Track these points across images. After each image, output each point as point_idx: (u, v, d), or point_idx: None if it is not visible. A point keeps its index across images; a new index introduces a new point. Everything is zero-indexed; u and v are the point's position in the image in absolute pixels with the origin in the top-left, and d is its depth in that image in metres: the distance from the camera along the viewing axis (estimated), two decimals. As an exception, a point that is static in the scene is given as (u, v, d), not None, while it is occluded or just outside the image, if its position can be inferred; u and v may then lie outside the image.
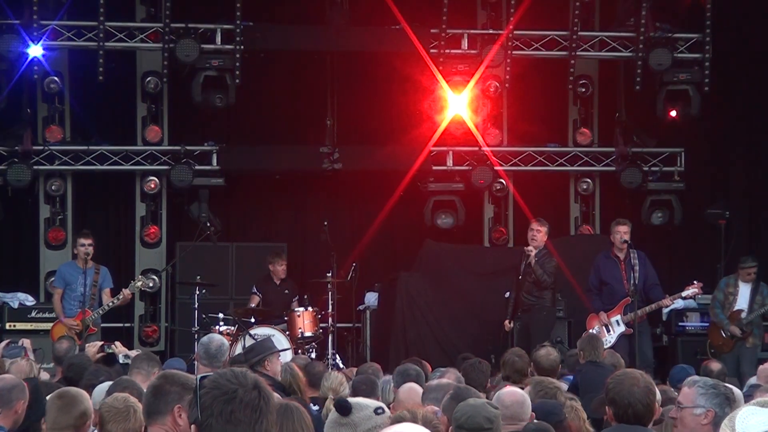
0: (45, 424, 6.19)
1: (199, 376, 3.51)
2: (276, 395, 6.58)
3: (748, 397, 7.15)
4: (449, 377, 8.36)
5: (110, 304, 14.23)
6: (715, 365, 10.57)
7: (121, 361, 9.92)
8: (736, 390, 5.76)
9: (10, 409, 6.51)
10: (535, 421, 6.16)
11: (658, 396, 6.43)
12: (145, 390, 5.85)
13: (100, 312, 14.29)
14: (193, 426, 3.45)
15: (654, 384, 5.94)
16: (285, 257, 16.10)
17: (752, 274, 14.78)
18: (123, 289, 14.25)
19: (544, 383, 7.45)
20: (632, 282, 14.05)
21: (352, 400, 4.14)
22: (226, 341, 9.48)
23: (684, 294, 14.45)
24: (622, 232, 14.41)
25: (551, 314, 14.62)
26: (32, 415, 6.52)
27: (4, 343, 11.20)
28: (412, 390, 7.71)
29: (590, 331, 14.29)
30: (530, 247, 14.41)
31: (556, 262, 14.49)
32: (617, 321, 14.33)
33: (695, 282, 14.35)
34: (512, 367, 9.57)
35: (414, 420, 5.15)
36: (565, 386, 8.71)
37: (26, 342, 11.29)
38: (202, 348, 9.14)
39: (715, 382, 5.77)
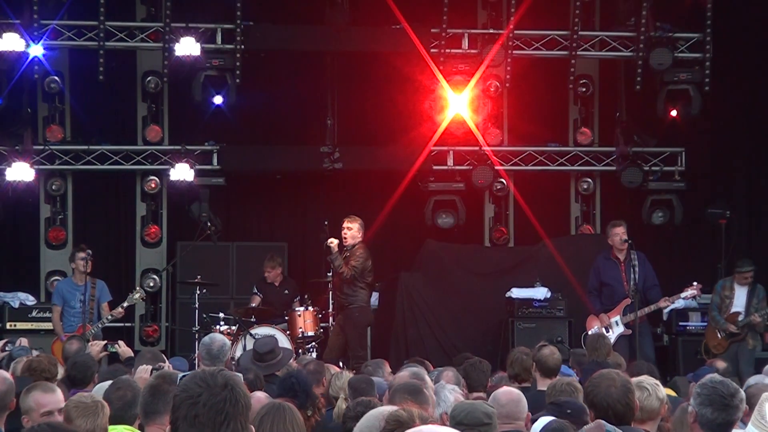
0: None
1: (180, 375, 3.53)
2: (262, 394, 6.57)
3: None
4: (447, 377, 8.36)
5: (108, 318, 14.29)
6: (720, 364, 10.55)
7: None
8: (729, 389, 5.69)
9: (5, 410, 6.54)
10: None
11: (663, 393, 6.42)
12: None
13: (99, 326, 14.32)
14: (169, 426, 3.51)
15: (631, 382, 5.96)
16: (279, 262, 16.00)
17: (749, 278, 14.80)
18: (119, 306, 14.31)
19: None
20: (632, 283, 14.05)
21: None
22: (227, 341, 9.50)
23: (683, 295, 14.46)
24: (620, 233, 14.43)
25: (364, 313, 14.55)
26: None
27: (1, 342, 11.24)
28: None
29: (589, 332, 14.30)
30: (331, 239, 14.36)
31: (365, 260, 14.38)
32: (616, 322, 14.33)
33: (694, 283, 14.35)
34: (521, 365, 9.60)
35: (411, 419, 5.14)
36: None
37: (24, 341, 11.33)
38: (203, 348, 9.14)
39: (702, 382, 5.77)
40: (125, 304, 14.43)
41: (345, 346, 14.53)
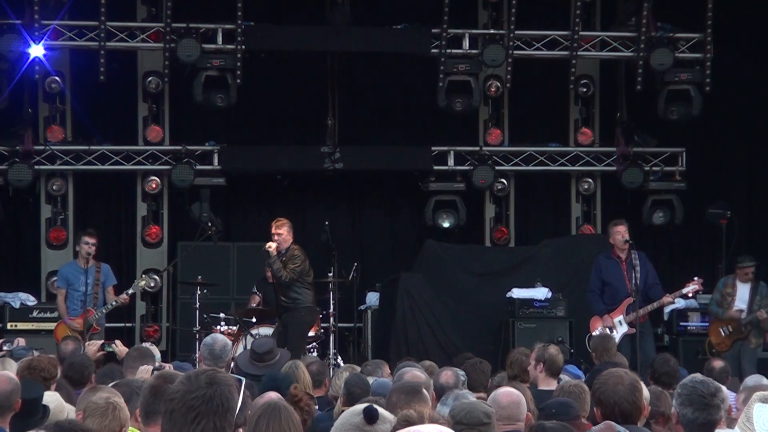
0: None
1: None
2: (274, 394, 6.58)
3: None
4: (446, 376, 8.34)
5: (113, 303, 14.28)
6: (718, 363, 10.55)
7: None
8: (709, 388, 5.66)
9: (10, 411, 6.55)
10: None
11: (646, 394, 6.43)
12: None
13: (103, 311, 14.32)
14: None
15: (640, 381, 5.96)
16: None
17: (750, 274, 14.74)
18: (124, 292, 14.33)
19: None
20: (634, 282, 14.04)
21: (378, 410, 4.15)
22: (229, 342, 9.50)
23: (685, 291, 14.44)
24: (621, 232, 14.39)
25: (309, 312, 14.38)
26: None
27: None
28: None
29: (593, 333, 14.28)
30: (270, 243, 14.19)
31: (302, 262, 14.19)
32: (620, 321, 14.30)
33: (696, 278, 14.32)
34: (520, 366, 9.60)
35: (421, 420, 5.14)
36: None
37: (21, 341, 11.32)
38: (206, 348, 9.14)
39: (683, 382, 5.75)
40: (130, 291, 14.46)
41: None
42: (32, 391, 6.83)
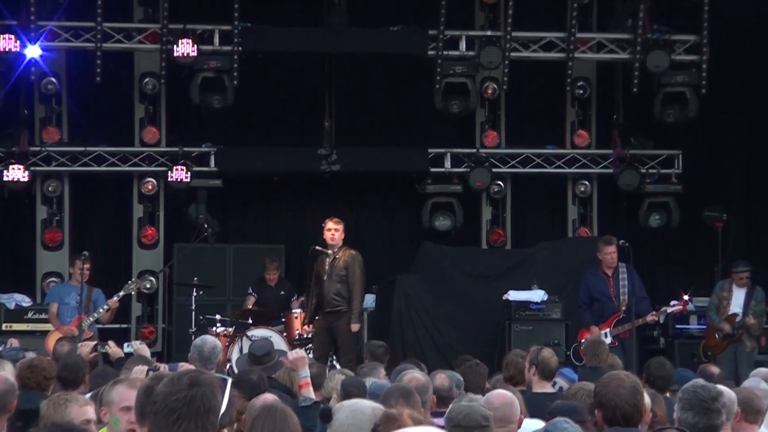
0: None
1: None
2: (271, 396, 6.57)
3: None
4: (440, 378, 8.34)
5: (101, 309, 14.25)
6: (714, 369, 10.54)
7: None
8: (710, 393, 5.67)
9: (5, 412, 6.55)
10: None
11: (647, 400, 6.43)
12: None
13: (95, 316, 14.29)
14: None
15: (641, 384, 5.95)
16: (278, 264, 16.03)
17: (745, 279, 14.80)
18: (109, 299, 14.29)
19: None
20: (621, 295, 14.13)
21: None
22: (219, 343, 9.49)
23: (669, 310, 14.57)
24: (611, 253, 14.46)
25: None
26: None
27: None
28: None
29: (582, 341, 14.32)
30: (334, 250, 14.22)
31: (362, 264, 14.27)
32: (605, 334, 14.35)
33: (686, 297, 14.42)
34: (516, 367, 9.59)
35: (401, 416, 5.15)
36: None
37: (14, 342, 11.32)
38: (195, 350, 9.14)
39: (684, 387, 5.75)
40: (121, 293, 14.42)
41: (329, 349, 14.42)
42: (35, 400, 6.81)
